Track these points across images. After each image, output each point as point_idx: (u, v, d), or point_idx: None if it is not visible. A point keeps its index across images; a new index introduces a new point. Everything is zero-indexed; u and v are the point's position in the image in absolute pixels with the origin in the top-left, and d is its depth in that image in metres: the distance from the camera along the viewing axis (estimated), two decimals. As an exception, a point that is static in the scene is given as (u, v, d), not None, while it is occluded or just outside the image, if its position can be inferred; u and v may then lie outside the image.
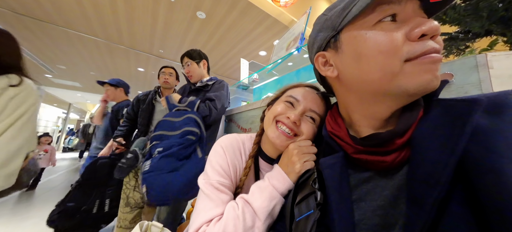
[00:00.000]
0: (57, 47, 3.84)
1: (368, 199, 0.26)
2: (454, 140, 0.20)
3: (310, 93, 0.44)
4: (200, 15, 2.72)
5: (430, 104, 0.25)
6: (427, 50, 0.22)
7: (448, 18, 0.58)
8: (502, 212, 0.17)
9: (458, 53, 0.67)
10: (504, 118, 0.20)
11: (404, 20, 0.23)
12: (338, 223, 0.25)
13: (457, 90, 0.48)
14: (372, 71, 0.24)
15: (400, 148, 0.24)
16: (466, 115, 0.20)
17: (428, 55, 0.22)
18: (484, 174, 0.18)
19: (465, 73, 0.47)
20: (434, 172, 0.20)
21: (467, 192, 0.19)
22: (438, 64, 0.22)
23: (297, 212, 0.28)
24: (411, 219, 0.21)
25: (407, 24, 0.22)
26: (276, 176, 0.38)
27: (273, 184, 0.37)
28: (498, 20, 0.51)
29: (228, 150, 0.46)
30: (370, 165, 0.27)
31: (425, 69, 0.22)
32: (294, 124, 0.40)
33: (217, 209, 0.37)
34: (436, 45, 0.22)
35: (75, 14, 2.72)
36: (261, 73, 1.93)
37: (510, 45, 0.52)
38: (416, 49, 0.22)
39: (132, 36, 3.35)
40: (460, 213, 0.19)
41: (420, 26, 0.21)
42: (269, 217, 0.35)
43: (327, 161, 0.29)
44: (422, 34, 0.21)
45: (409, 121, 0.24)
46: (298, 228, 0.27)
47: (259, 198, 0.35)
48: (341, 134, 0.30)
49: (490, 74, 0.43)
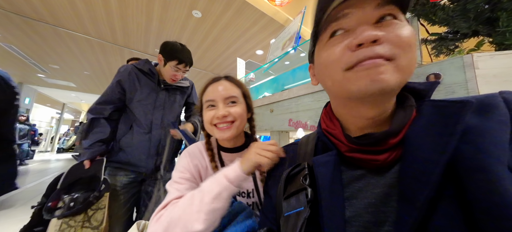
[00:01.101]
0: (49, 46, 3.75)
1: (360, 197, 0.26)
2: (446, 139, 0.20)
3: (216, 87, 0.53)
4: (195, 13, 2.69)
5: (423, 104, 0.26)
6: (360, 59, 0.23)
7: (437, 19, 0.59)
8: (489, 211, 0.17)
9: (448, 53, 0.68)
10: (493, 118, 0.21)
11: (351, 32, 0.25)
12: (329, 220, 0.25)
13: (445, 90, 0.49)
14: (326, 80, 0.28)
15: (393, 148, 0.25)
16: (458, 115, 0.21)
17: (362, 63, 0.23)
18: (473, 173, 0.19)
19: (452, 73, 0.48)
20: (425, 171, 0.20)
21: (457, 190, 0.20)
22: (377, 68, 0.22)
23: (285, 206, 0.29)
24: (402, 216, 0.21)
25: (351, 35, 0.24)
26: (230, 166, 0.44)
27: (224, 173, 0.42)
28: (485, 21, 0.53)
29: (190, 155, 0.55)
30: (363, 163, 0.27)
31: (361, 76, 0.23)
32: (224, 118, 0.50)
33: (175, 193, 0.45)
34: (374, 52, 0.23)
35: (65, 11, 2.65)
36: (258, 72, 1.93)
37: (495, 46, 0.53)
38: (352, 59, 0.24)
39: (126, 35, 3.30)
40: (450, 211, 0.20)
41: (357, 37, 0.23)
42: (217, 200, 0.39)
43: (320, 159, 0.30)
44: (359, 43, 0.23)
45: (403, 122, 0.25)
46: (287, 224, 0.27)
47: (209, 184, 0.42)
48: (335, 132, 0.30)
49: (476, 74, 0.45)
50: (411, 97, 0.28)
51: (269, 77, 1.71)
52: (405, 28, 0.23)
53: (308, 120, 0.89)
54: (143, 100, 0.99)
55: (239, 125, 0.53)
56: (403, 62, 0.23)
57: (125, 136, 0.97)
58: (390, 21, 0.24)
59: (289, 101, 0.98)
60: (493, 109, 0.22)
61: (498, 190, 0.17)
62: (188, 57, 1.01)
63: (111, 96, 0.96)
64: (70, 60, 4.48)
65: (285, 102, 1.00)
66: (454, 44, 0.66)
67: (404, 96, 0.28)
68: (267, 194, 0.40)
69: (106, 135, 0.94)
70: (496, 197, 0.17)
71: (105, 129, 0.94)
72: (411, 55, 0.23)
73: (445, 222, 0.19)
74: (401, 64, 0.23)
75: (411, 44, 0.23)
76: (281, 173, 0.34)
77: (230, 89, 0.53)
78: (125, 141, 0.97)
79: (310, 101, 0.83)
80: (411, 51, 0.23)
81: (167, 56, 0.97)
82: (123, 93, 0.98)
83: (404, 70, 0.23)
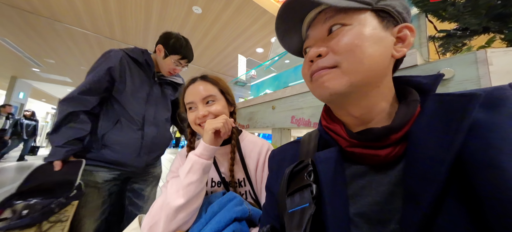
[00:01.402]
0: (44, 40, 3.67)
1: (364, 194, 0.25)
2: (452, 135, 0.20)
3: (194, 88, 0.56)
4: (196, 10, 2.66)
5: (428, 99, 0.25)
6: (312, 71, 0.28)
7: (447, 15, 0.58)
8: (502, 208, 0.16)
9: (455, 51, 0.67)
10: (502, 112, 0.20)
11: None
12: (332, 217, 0.25)
13: (456, 87, 0.48)
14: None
15: (395, 143, 0.25)
16: (464, 110, 0.20)
17: (313, 75, 0.28)
18: (482, 169, 0.18)
19: (464, 69, 0.47)
20: (431, 169, 0.20)
21: (464, 187, 0.19)
22: (321, 78, 0.27)
23: (289, 202, 0.28)
24: (407, 215, 0.21)
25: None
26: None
27: (192, 152, 0.50)
28: (496, 17, 0.52)
29: (181, 156, 0.61)
30: (365, 159, 0.27)
31: (315, 85, 0.28)
32: (205, 117, 0.54)
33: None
34: (318, 66, 0.27)
35: (61, 4, 2.59)
36: (258, 70, 1.91)
37: (507, 43, 0.52)
38: (309, 73, 0.29)
39: (124, 31, 3.24)
40: (456, 209, 0.19)
41: (308, 55, 0.28)
42: (191, 173, 0.46)
43: (322, 155, 0.29)
44: (310, 60, 0.28)
45: (405, 117, 0.25)
46: (292, 221, 0.26)
47: (183, 166, 0.49)
48: (336, 128, 0.30)
49: (489, 70, 0.44)
50: (414, 91, 0.27)
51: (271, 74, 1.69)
52: (349, 33, 0.25)
53: (311, 117, 0.87)
54: (135, 92, 0.87)
55: None
56: (347, 66, 0.25)
57: (111, 131, 0.83)
58: (337, 30, 0.27)
59: (292, 98, 0.97)
60: (503, 102, 0.21)
61: (511, 187, 0.16)
62: (192, 53, 0.96)
63: (97, 85, 0.80)
64: (66, 55, 4.40)
65: (288, 99, 0.98)
66: (462, 41, 0.65)
67: (407, 90, 0.28)
68: (268, 190, 0.39)
69: (86, 132, 0.79)
70: (509, 195, 0.16)
71: (85, 126, 0.79)
72: (354, 57, 0.25)
73: (450, 219, 0.19)
74: (345, 68, 0.25)
75: (352, 47, 0.25)
76: (283, 170, 0.34)
77: (207, 89, 0.56)
78: (111, 137, 0.83)
79: (314, 98, 0.82)
80: (353, 53, 0.25)
81: (170, 49, 0.90)
82: (112, 82, 0.83)
83: (351, 72, 0.25)
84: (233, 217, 0.43)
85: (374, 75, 0.25)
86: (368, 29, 0.25)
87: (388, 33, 0.26)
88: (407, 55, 0.60)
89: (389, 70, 0.27)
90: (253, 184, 0.56)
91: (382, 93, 0.27)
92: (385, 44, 0.26)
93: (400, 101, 0.28)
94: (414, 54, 0.55)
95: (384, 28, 0.26)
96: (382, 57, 0.26)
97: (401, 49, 0.27)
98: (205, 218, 0.45)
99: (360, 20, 0.26)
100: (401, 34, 0.27)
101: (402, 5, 0.28)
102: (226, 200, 0.47)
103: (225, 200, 0.47)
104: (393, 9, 0.27)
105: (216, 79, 0.59)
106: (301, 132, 1.20)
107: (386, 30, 0.26)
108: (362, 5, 0.26)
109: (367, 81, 0.25)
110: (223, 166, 0.59)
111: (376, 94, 0.27)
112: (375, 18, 0.26)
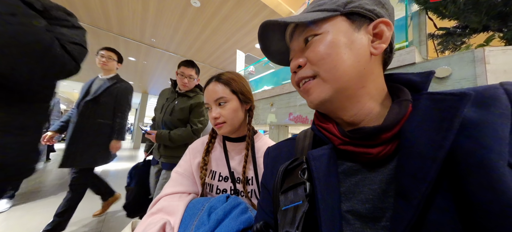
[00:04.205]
0: (39, 31, 3.57)
1: (356, 191, 0.26)
2: (443, 134, 0.20)
3: (208, 90, 0.58)
4: (194, 3, 2.60)
5: (420, 98, 0.25)
6: (296, 81, 0.31)
7: (448, 12, 0.57)
8: (490, 208, 0.17)
9: (454, 49, 0.67)
10: (493, 111, 0.20)
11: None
12: (325, 213, 0.25)
13: (453, 85, 0.48)
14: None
15: (387, 142, 0.25)
16: (455, 108, 0.20)
17: (297, 84, 0.31)
18: (473, 168, 0.18)
19: (462, 68, 0.47)
20: (422, 167, 0.20)
21: (454, 184, 0.19)
22: (304, 87, 0.29)
23: (283, 199, 0.29)
24: (399, 213, 0.21)
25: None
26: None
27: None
28: (496, 15, 0.51)
29: (190, 151, 0.64)
30: (357, 157, 0.27)
31: (304, 94, 0.30)
32: (216, 119, 0.56)
33: (166, 189, 0.54)
34: (299, 77, 0.29)
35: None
36: (257, 66, 1.90)
37: (506, 41, 0.52)
38: (294, 82, 0.31)
39: (121, 23, 3.17)
40: (445, 207, 0.19)
41: (291, 66, 0.30)
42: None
43: (315, 153, 0.29)
44: (293, 71, 0.30)
45: (397, 117, 0.25)
46: (285, 218, 0.26)
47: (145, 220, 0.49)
48: (328, 126, 0.30)
49: (486, 69, 0.43)
50: (406, 90, 0.27)
51: (270, 70, 1.68)
52: (320, 43, 0.26)
53: (308, 114, 0.87)
54: None
55: (232, 123, 0.58)
56: (324, 75, 0.27)
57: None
58: (311, 40, 0.28)
59: (289, 95, 0.96)
60: (494, 101, 0.21)
61: (500, 187, 0.17)
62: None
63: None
64: (62, 47, 4.30)
65: (285, 96, 0.98)
66: (461, 39, 0.64)
67: (399, 89, 0.28)
68: (264, 187, 0.40)
69: None
70: (497, 194, 0.17)
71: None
72: (327, 65, 0.26)
73: (440, 216, 0.19)
74: (323, 76, 0.27)
75: (324, 56, 0.26)
76: (277, 167, 0.34)
77: (219, 90, 0.57)
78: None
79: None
80: (325, 62, 0.26)
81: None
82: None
83: (330, 79, 0.26)
84: (241, 228, 0.40)
85: (353, 77, 0.26)
86: (338, 35, 0.26)
87: (361, 33, 0.26)
88: (405, 53, 0.60)
89: (371, 69, 0.27)
90: (259, 184, 0.56)
91: (369, 93, 0.27)
92: (358, 45, 0.26)
93: (393, 99, 0.28)
94: (413, 52, 0.55)
95: (356, 29, 0.26)
96: (358, 58, 0.26)
97: (379, 45, 0.27)
98: (209, 227, 0.41)
99: (329, 28, 0.27)
100: (377, 30, 0.27)
101: (373, 1, 0.27)
102: (231, 206, 0.45)
103: (230, 207, 0.44)
104: (362, 9, 0.26)
105: (228, 80, 0.59)
106: (298, 129, 1.20)
107: (359, 31, 0.26)
108: (330, 13, 0.26)
109: (348, 84, 0.26)
110: (234, 160, 0.60)
111: (363, 94, 0.27)
112: (345, 22, 0.27)
